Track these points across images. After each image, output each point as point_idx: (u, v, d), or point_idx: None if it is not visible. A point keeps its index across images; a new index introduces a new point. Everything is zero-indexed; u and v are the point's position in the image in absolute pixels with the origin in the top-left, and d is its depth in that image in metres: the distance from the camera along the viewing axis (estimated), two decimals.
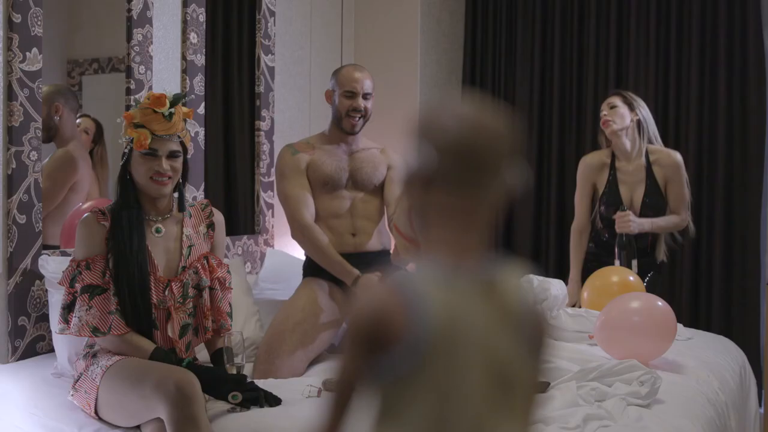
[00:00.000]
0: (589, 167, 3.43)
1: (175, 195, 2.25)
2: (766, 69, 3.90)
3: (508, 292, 1.09)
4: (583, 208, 3.47)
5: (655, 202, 3.31)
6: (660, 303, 2.58)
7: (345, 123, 2.85)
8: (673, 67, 4.08)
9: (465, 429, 1.04)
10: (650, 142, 3.35)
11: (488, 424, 1.05)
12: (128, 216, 2.14)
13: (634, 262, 3.20)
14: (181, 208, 2.25)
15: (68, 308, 2.11)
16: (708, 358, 2.75)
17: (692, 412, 2.15)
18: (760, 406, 3.20)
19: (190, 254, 2.23)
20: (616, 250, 3.22)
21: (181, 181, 2.22)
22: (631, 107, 3.30)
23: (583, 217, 3.46)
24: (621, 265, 3.20)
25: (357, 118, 2.84)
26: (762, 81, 3.89)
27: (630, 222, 3.19)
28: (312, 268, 2.85)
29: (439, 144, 1.09)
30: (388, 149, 3.02)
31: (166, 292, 2.16)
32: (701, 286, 4.01)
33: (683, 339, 2.91)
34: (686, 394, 2.27)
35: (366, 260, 2.81)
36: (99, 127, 2.90)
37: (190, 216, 2.29)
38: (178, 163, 2.18)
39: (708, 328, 3.64)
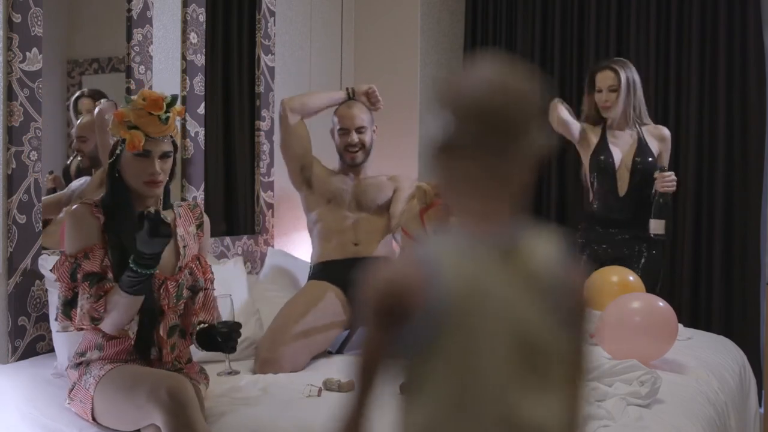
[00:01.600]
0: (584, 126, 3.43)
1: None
2: (766, 69, 3.90)
3: (535, 258, 1.04)
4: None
5: (645, 163, 3.27)
6: (661, 303, 2.58)
7: (346, 157, 3.04)
8: (673, 67, 4.08)
9: (488, 402, 1.00)
10: (642, 121, 3.33)
11: (514, 397, 1.01)
12: (123, 213, 2.08)
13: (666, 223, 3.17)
14: (165, 205, 2.20)
15: (70, 304, 2.05)
16: (708, 358, 2.75)
17: (692, 412, 2.15)
18: (760, 406, 3.20)
19: (186, 255, 2.21)
20: (654, 210, 3.15)
21: (168, 178, 2.16)
22: (627, 89, 3.26)
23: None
24: (655, 227, 3.14)
25: (355, 152, 3.02)
26: (762, 81, 3.89)
27: (674, 180, 3.15)
28: (318, 273, 2.91)
29: (457, 108, 1.04)
30: (398, 177, 3.12)
31: (162, 291, 2.13)
32: (701, 286, 4.01)
33: (683, 339, 2.91)
34: (686, 394, 2.27)
35: (367, 263, 2.86)
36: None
37: (180, 216, 2.24)
38: (169, 164, 2.13)
39: (708, 328, 3.63)
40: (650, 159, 3.28)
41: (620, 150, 3.30)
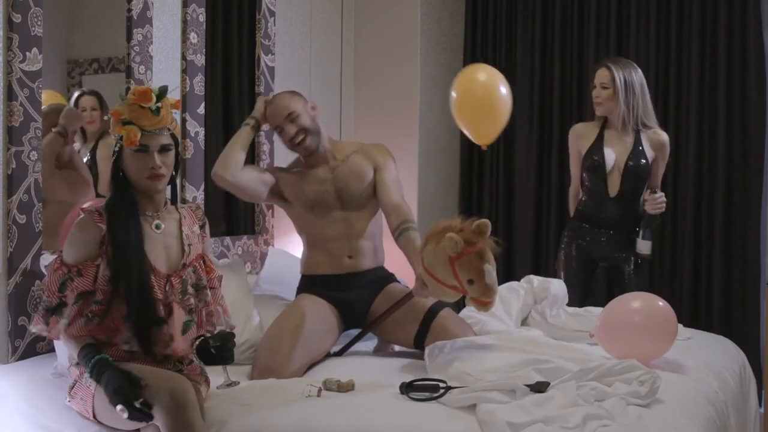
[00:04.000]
0: (576, 134, 3.46)
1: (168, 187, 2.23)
2: (766, 69, 3.90)
3: None
4: (577, 173, 3.49)
5: (637, 167, 3.29)
6: (661, 303, 2.57)
7: (299, 151, 2.85)
8: (673, 67, 4.08)
9: None
10: (644, 124, 3.32)
11: None
12: (126, 214, 2.10)
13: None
14: (174, 200, 2.23)
15: (52, 311, 2.05)
16: (708, 358, 2.74)
17: (692, 412, 2.15)
18: (760, 406, 3.19)
19: (190, 252, 2.22)
20: (641, 231, 3.21)
21: (174, 173, 2.18)
22: (624, 90, 3.25)
23: (578, 181, 3.49)
24: (642, 248, 3.21)
25: (301, 140, 2.79)
26: (762, 81, 3.90)
27: (664, 203, 3.19)
28: (307, 286, 2.86)
29: None
30: (366, 146, 2.95)
31: (167, 287, 2.14)
32: (701, 286, 4.01)
33: (683, 339, 2.91)
34: (686, 394, 2.27)
35: (361, 279, 2.83)
36: (101, 101, 2.88)
37: (185, 217, 2.26)
38: (170, 158, 2.14)
39: (708, 328, 3.63)
40: (643, 162, 3.30)
41: (614, 152, 3.31)
